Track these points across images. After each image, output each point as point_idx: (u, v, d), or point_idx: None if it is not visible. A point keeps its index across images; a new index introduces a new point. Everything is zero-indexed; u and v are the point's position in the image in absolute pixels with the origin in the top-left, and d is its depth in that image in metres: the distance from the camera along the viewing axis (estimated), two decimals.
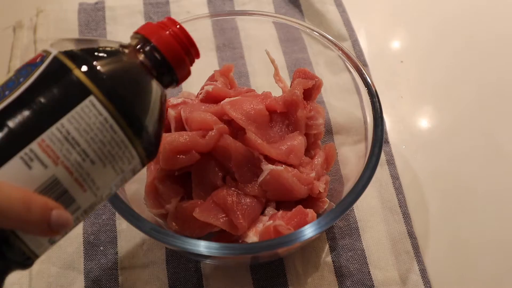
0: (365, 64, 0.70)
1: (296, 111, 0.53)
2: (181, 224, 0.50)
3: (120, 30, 0.73)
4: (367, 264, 0.54)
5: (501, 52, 0.74)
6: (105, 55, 0.33)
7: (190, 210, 0.49)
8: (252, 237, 0.48)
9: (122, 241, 0.56)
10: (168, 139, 0.50)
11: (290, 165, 0.52)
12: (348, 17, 0.74)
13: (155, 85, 0.35)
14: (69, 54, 0.32)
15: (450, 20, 0.78)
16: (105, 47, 0.34)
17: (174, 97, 0.57)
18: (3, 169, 0.29)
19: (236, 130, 0.52)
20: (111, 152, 0.32)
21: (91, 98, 0.31)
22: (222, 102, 0.53)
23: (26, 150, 0.29)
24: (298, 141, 0.52)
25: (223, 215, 0.48)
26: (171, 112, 0.54)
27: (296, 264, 0.54)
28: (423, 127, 0.67)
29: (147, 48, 0.35)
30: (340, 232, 0.56)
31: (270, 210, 0.51)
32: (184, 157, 0.50)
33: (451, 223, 0.58)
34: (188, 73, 0.38)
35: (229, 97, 0.55)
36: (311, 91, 0.56)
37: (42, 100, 0.30)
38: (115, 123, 0.32)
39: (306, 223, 0.46)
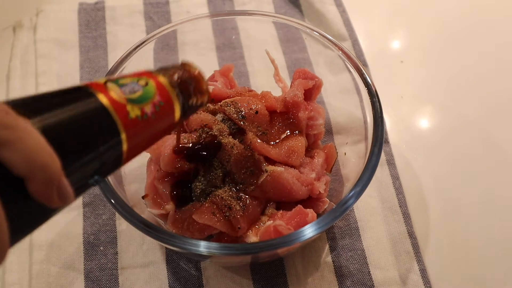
0: (365, 64, 0.70)
1: (298, 112, 0.53)
2: (180, 227, 0.50)
3: (120, 30, 0.73)
4: (367, 264, 0.54)
5: (502, 52, 0.74)
6: None
7: (190, 212, 0.49)
8: (252, 237, 0.48)
9: (122, 241, 0.56)
10: (169, 142, 0.50)
11: (291, 166, 0.52)
12: (348, 17, 0.74)
13: None
14: None
15: (450, 20, 0.78)
16: None
17: None
18: None
19: (236, 130, 0.52)
20: None
21: None
22: (222, 102, 0.53)
23: None
24: (298, 142, 0.52)
25: (222, 217, 0.48)
26: None
27: (296, 264, 0.54)
28: (423, 127, 0.67)
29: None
30: (340, 232, 0.56)
31: (270, 210, 0.51)
32: (184, 162, 0.50)
33: (451, 223, 0.58)
34: None
35: (229, 97, 0.55)
36: (311, 91, 0.56)
37: None
38: None
39: (306, 223, 0.46)
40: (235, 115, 0.51)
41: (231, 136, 0.51)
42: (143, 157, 0.56)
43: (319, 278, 0.54)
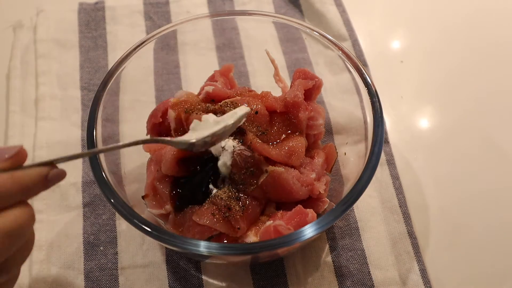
0: (365, 64, 0.70)
1: (298, 112, 0.53)
2: (180, 229, 0.50)
3: (120, 30, 0.73)
4: (367, 264, 0.54)
5: (502, 52, 0.74)
6: None
7: (190, 214, 0.49)
8: (252, 237, 0.48)
9: (122, 241, 0.56)
10: (170, 147, 0.50)
11: (291, 166, 0.51)
12: (348, 17, 0.74)
13: None
14: None
15: (450, 20, 0.78)
16: None
17: (173, 97, 0.57)
18: None
19: (236, 130, 0.52)
20: None
21: None
22: (221, 102, 0.53)
23: None
24: (299, 142, 0.52)
25: (221, 218, 0.48)
26: (171, 113, 0.54)
27: (296, 264, 0.54)
28: (423, 127, 0.67)
29: None
30: (340, 232, 0.56)
31: (270, 210, 0.51)
32: (185, 166, 0.50)
33: (451, 223, 0.58)
34: None
35: (229, 98, 0.55)
36: (311, 91, 0.56)
37: None
38: None
39: (306, 223, 0.46)
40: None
41: (231, 137, 0.51)
42: (143, 157, 0.56)
43: (319, 278, 0.54)
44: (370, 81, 0.52)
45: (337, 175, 0.56)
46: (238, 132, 0.51)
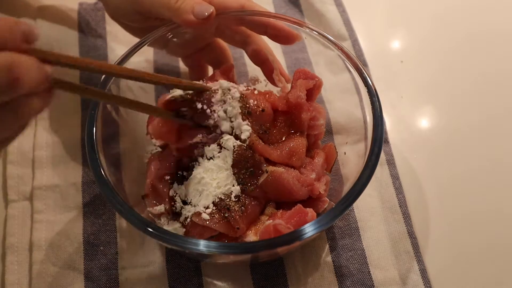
0: (365, 64, 0.70)
1: (301, 113, 0.53)
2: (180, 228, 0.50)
3: (120, 30, 0.73)
4: (367, 264, 0.54)
5: (502, 52, 0.74)
6: None
7: (189, 214, 0.49)
8: (252, 236, 0.48)
9: (122, 241, 0.56)
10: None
11: (291, 167, 0.51)
12: (348, 17, 0.74)
13: None
14: None
15: (450, 20, 0.78)
16: None
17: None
18: None
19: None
20: None
21: None
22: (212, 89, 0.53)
23: None
24: (300, 143, 0.52)
25: (221, 218, 0.48)
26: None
27: (296, 264, 0.54)
28: (423, 127, 0.67)
29: None
30: (340, 232, 0.56)
31: (269, 210, 0.51)
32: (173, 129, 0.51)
33: (451, 223, 0.58)
34: None
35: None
36: (311, 91, 0.56)
37: None
38: None
39: (305, 222, 0.46)
40: (242, 110, 0.51)
41: (233, 137, 0.51)
42: (143, 157, 0.56)
43: (319, 278, 0.54)
44: (370, 81, 0.52)
45: (337, 175, 0.56)
46: (239, 131, 0.51)
